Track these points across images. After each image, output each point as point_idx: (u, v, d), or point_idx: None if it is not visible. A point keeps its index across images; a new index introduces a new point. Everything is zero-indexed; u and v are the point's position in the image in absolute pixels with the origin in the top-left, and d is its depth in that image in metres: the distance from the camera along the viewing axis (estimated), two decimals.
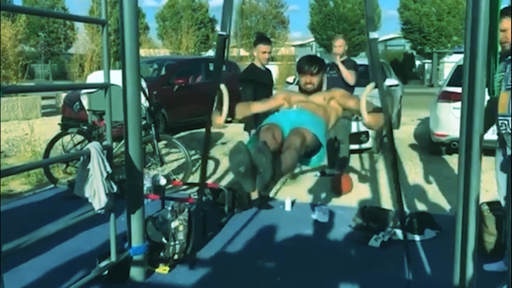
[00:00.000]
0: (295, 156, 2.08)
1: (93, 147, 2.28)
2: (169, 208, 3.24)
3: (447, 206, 4.37)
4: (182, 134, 8.71)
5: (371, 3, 2.24)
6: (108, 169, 2.33)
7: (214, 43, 31.52)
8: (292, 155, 2.07)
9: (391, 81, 7.73)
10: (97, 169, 2.28)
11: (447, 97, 6.24)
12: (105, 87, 2.34)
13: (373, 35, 2.17)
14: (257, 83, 4.27)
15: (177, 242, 3.05)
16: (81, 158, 2.27)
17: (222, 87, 2.37)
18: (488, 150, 3.33)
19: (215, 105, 2.45)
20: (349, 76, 5.01)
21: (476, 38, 1.98)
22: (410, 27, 27.45)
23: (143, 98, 5.05)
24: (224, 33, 2.41)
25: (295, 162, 2.08)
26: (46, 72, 34.45)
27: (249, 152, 1.87)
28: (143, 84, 5.07)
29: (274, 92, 4.84)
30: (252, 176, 1.87)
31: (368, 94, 2.37)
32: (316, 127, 2.34)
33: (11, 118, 10.59)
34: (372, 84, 2.34)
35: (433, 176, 5.55)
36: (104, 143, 2.43)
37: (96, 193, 2.33)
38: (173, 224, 3.07)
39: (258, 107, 2.75)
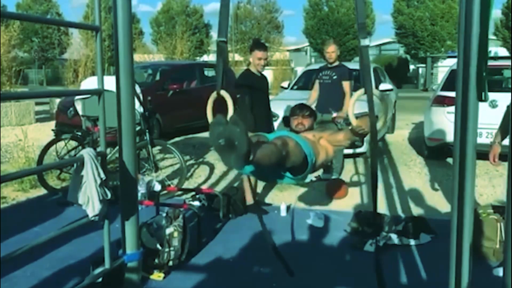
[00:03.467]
0: (274, 149, 2.07)
1: (87, 153, 2.26)
2: (164, 214, 3.23)
3: (442, 210, 4.38)
4: (176, 139, 8.70)
5: (362, 10, 2.23)
6: (102, 175, 2.31)
7: (209, 48, 31.70)
8: (271, 147, 2.08)
9: (385, 85, 7.75)
10: (91, 175, 2.26)
11: (441, 101, 6.27)
12: (99, 93, 2.32)
13: (364, 42, 2.17)
14: (254, 89, 4.28)
15: (171, 248, 3.03)
16: (75, 165, 2.25)
17: (224, 93, 2.36)
18: (481, 154, 3.36)
19: (209, 110, 2.43)
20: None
21: (470, 43, 1.99)
22: (404, 31, 27.65)
23: (137, 104, 5.04)
24: (223, 39, 2.40)
25: (273, 154, 2.06)
26: (40, 78, 34.37)
27: (228, 125, 1.88)
28: (137, 89, 5.06)
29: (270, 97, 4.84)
30: (231, 150, 1.87)
31: (356, 99, 2.38)
32: (301, 142, 2.36)
33: (5, 124, 10.53)
34: (361, 90, 2.34)
35: (428, 180, 5.57)
36: (98, 149, 2.41)
37: (90, 200, 2.30)
38: (168, 231, 3.06)
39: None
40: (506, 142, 2.95)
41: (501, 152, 3.10)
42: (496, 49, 20.55)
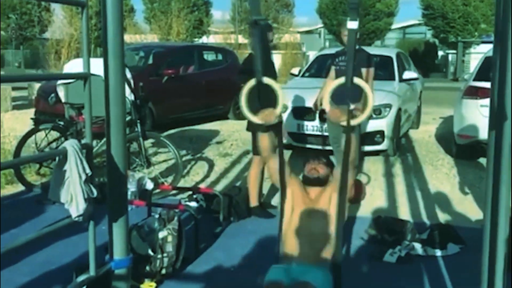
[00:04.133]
0: None
1: (70, 145, 2.27)
2: (156, 216, 3.25)
3: (473, 218, 4.37)
4: (171, 131, 8.72)
5: None
6: (88, 170, 2.32)
7: (209, 28, 31.67)
8: None
9: (409, 73, 7.72)
10: (75, 171, 2.27)
11: (474, 93, 6.24)
12: (85, 77, 2.33)
13: (351, 25, 2.21)
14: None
15: (165, 254, 3.05)
16: (57, 158, 2.26)
17: (270, 81, 2.38)
18: None
19: (244, 101, 2.45)
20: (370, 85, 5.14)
21: (508, 26, 1.97)
22: (432, 12, 27.45)
23: (127, 91, 5.05)
24: (260, 17, 2.39)
25: None
26: (18, 59, 34.49)
27: None
28: (128, 74, 5.07)
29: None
30: None
31: (335, 87, 2.51)
32: (318, 279, 2.46)
33: None
34: (342, 79, 2.45)
35: (457, 183, 5.56)
36: (83, 141, 2.42)
37: (74, 198, 2.31)
38: (161, 234, 3.07)
39: (272, 163, 2.77)
40: None
41: None
42: None
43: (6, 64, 33.82)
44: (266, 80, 2.36)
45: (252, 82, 2.40)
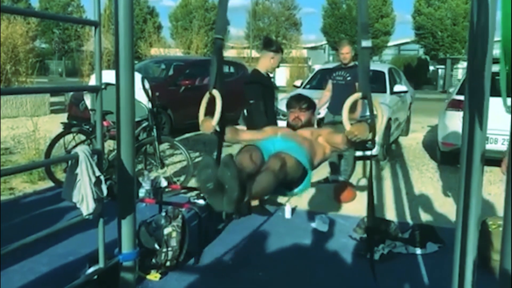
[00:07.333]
0: (272, 178, 1.96)
1: (82, 151, 2.22)
2: (163, 214, 3.19)
3: (452, 219, 4.24)
4: (187, 135, 8.67)
5: (365, 9, 2.12)
6: (97, 173, 2.27)
7: (228, 43, 31.66)
8: (268, 177, 1.95)
9: (400, 87, 7.59)
10: (85, 174, 2.22)
11: (456, 105, 6.11)
12: (96, 90, 2.27)
13: (365, 43, 2.07)
14: (264, 86, 4.23)
15: (169, 248, 2.99)
16: (69, 162, 2.22)
17: (215, 92, 2.30)
18: (496, 161, 3.23)
19: (202, 111, 2.38)
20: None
21: (479, 45, 1.89)
22: (423, 32, 27.24)
23: (146, 100, 5.02)
24: (220, 36, 2.34)
25: (271, 185, 1.96)
26: (60, 69, 34.87)
27: (217, 168, 1.77)
28: (146, 85, 5.04)
29: (279, 95, 4.77)
30: (221, 194, 1.75)
31: (351, 103, 2.29)
32: (299, 153, 2.25)
33: (20, 115, 10.68)
34: (358, 94, 2.22)
35: (440, 187, 5.42)
36: (95, 146, 2.37)
37: (84, 199, 2.27)
38: (166, 231, 3.01)
39: (246, 135, 2.65)
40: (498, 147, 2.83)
41: None
42: None
43: (50, 72, 34.19)
44: (214, 92, 2.26)
45: (207, 95, 2.32)
